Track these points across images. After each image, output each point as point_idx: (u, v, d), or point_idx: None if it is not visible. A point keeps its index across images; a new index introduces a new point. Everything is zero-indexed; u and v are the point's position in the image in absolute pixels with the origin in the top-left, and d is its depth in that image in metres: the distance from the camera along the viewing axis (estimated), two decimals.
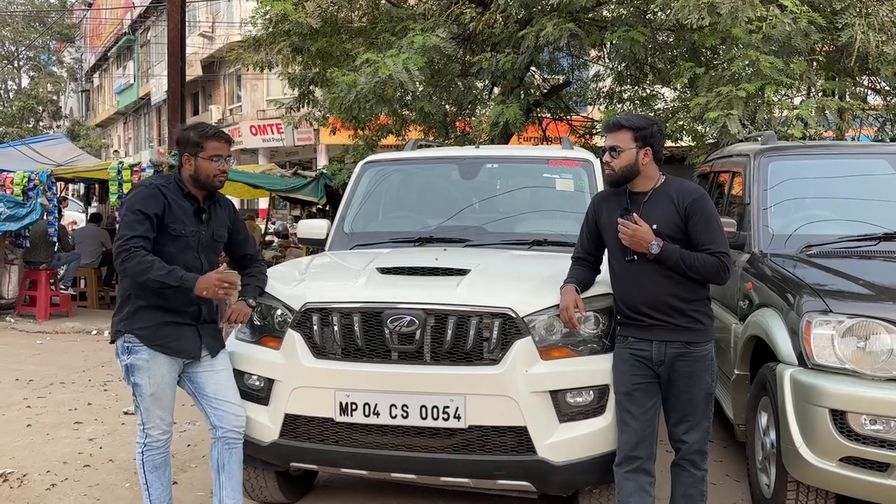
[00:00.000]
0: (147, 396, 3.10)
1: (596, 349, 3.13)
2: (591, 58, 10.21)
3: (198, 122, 3.26)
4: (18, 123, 34.84)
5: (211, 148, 3.11)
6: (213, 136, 3.14)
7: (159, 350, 3.07)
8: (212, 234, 3.22)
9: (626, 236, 2.94)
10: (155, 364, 3.08)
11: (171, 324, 3.09)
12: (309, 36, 8.85)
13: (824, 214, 4.24)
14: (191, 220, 3.13)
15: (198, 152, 3.11)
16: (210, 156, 3.11)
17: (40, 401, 5.81)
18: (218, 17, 26.03)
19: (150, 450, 3.15)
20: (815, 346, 3.10)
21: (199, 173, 3.12)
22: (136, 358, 3.07)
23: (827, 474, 3.03)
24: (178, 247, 3.08)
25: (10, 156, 10.98)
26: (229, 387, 3.24)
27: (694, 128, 7.57)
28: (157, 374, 3.08)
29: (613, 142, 3.01)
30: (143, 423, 3.15)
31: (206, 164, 3.11)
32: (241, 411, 3.22)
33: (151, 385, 3.09)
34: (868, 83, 8.25)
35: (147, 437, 3.15)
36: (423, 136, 9.36)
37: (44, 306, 9.75)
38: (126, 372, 3.13)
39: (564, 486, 3.14)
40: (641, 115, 3.40)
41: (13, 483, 4.10)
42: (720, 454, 4.50)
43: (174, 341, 3.10)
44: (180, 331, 3.11)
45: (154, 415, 3.13)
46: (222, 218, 3.29)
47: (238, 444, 3.23)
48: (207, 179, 3.14)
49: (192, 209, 3.14)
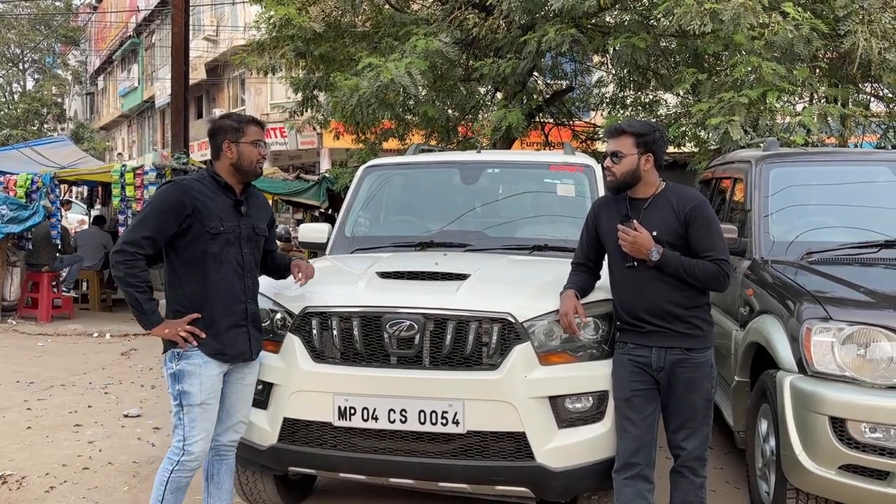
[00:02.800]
0: (196, 406, 2.90)
1: (595, 355, 3.12)
2: (594, 63, 10.22)
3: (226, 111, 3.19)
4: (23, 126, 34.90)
5: (252, 133, 3.03)
6: (252, 121, 3.08)
7: (218, 359, 2.94)
8: (253, 227, 3.09)
9: (627, 243, 2.94)
10: (207, 369, 2.92)
11: (229, 328, 2.96)
12: (312, 40, 8.87)
13: (826, 221, 4.24)
14: (229, 215, 3.00)
15: (239, 138, 3.01)
16: (251, 140, 3.02)
17: (40, 403, 5.82)
18: (222, 20, 26.09)
19: (182, 469, 2.92)
20: (815, 353, 3.10)
21: (243, 160, 3.01)
22: (187, 363, 2.90)
23: (826, 482, 3.02)
24: (220, 244, 2.95)
25: (14, 158, 11.02)
26: (247, 402, 3.15)
27: (696, 134, 7.57)
28: (208, 381, 2.93)
29: (615, 147, 3.01)
30: (184, 437, 2.90)
31: (249, 148, 3.02)
32: (242, 428, 3.15)
33: (203, 392, 2.91)
34: (871, 90, 8.24)
35: (184, 455, 2.91)
36: (426, 141, 9.36)
37: (46, 308, 9.76)
38: (173, 380, 2.93)
39: (563, 492, 3.13)
40: (644, 121, 3.39)
41: (12, 485, 4.11)
42: (720, 461, 4.48)
43: (232, 346, 2.98)
44: (236, 333, 2.99)
45: (199, 428, 2.91)
46: (261, 210, 3.18)
47: (230, 455, 3.17)
48: (251, 166, 3.03)
49: (230, 203, 3.02)
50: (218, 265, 2.95)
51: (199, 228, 2.92)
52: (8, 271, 9.96)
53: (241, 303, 3.02)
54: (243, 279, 3.03)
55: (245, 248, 3.04)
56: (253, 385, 3.17)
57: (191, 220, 2.91)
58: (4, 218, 9.12)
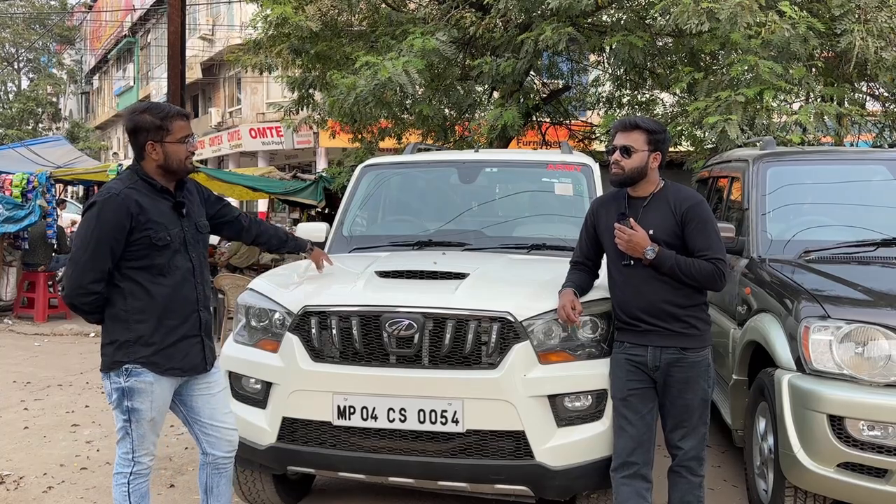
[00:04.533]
0: (146, 422, 2.77)
1: (594, 353, 3.12)
2: (591, 62, 10.23)
3: (147, 102, 2.98)
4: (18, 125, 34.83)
5: (178, 129, 2.75)
6: (177, 115, 2.77)
7: (169, 374, 2.77)
8: (195, 227, 2.88)
9: (623, 241, 2.94)
10: (159, 386, 2.76)
11: (180, 340, 2.78)
12: (309, 39, 8.86)
13: (823, 220, 4.25)
14: (171, 220, 2.77)
15: (164, 137, 2.72)
16: (178, 138, 2.74)
17: (37, 403, 5.81)
18: (218, 19, 26.04)
19: (137, 478, 2.80)
20: (813, 351, 3.10)
21: (170, 160, 2.74)
22: (137, 380, 2.72)
23: (825, 480, 3.02)
24: (167, 255, 2.74)
25: (10, 157, 10.98)
26: (225, 409, 3.00)
27: (693, 133, 7.58)
28: (159, 398, 2.77)
29: (626, 141, 2.99)
30: (132, 450, 2.78)
31: (176, 147, 2.74)
32: (234, 435, 3.01)
33: (153, 409, 2.76)
34: (867, 89, 8.26)
35: (136, 466, 2.79)
36: (422, 140, 9.37)
37: (42, 308, 9.74)
38: (121, 396, 2.74)
39: (562, 490, 3.13)
40: (655, 120, 3.38)
41: (10, 485, 4.10)
42: (718, 459, 4.49)
43: (182, 359, 2.79)
44: (188, 345, 2.81)
45: (148, 441, 2.80)
46: (197, 204, 2.94)
47: (228, 468, 3.03)
48: (181, 165, 2.77)
49: (169, 206, 2.78)
50: (166, 276, 2.74)
51: (144, 242, 2.69)
52: (4, 271, 9.94)
53: (194, 312, 2.82)
54: (195, 287, 2.83)
55: (192, 253, 2.83)
56: (225, 389, 3.06)
57: (135, 234, 2.67)
58: (0, 217, 9.09)
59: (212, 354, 2.95)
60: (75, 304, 2.71)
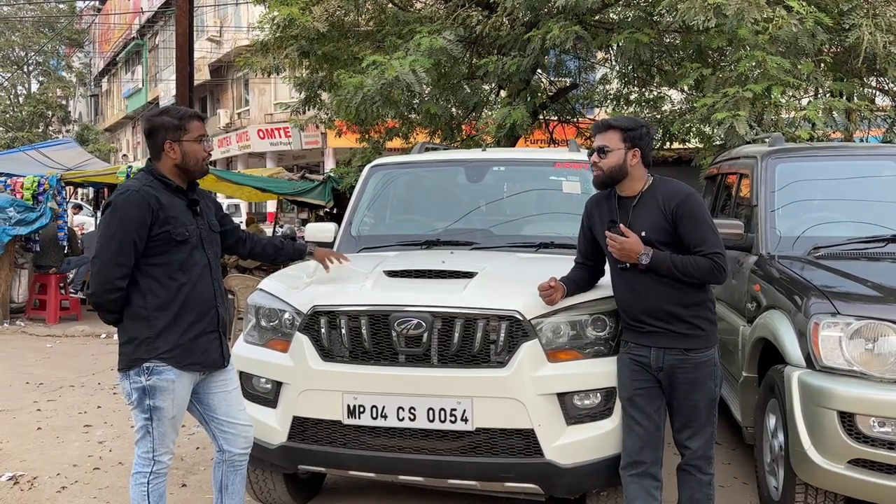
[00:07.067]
0: (167, 420, 2.79)
1: (602, 352, 3.12)
2: (598, 60, 10.21)
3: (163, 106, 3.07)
4: (28, 128, 35.07)
5: (194, 128, 2.84)
6: (193, 115, 2.87)
7: (189, 369, 2.81)
8: (209, 226, 2.95)
9: (615, 249, 2.92)
10: (180, 384, 2.79)
11: (200, 335, 2.82)
12: (316, 40, 8.89)
13: (832, 216, 4.23)
14: (188, 217, 2.83)
15: (181, 136, 2.81)
16: (195, 137, 2.83)
17: (50, 404, 5.85)
18: (226, 21, 26.14)
19: (157, 478, 2.83)
20: (823, 348, 3.09)
21: (188, 159, 2.82)
22: (158, 378, 2.75)
23: (835, 476, 3.02)
24: (186, 251, 2.80)
25: (20, 160, 11.08)
26: (241, 406, 3.05)
27: (701, 129, 7.56)
28: (180, 396, 2.81)
29: (602, 142, 2.98)
30: (153, 449, 2.81)
31: (194, 146, 2.83)
32: (249, 431, 3.05)
33: (175, 407, 2.80)
34: (876, 84, 8.21)
35: (156, 465, 2.82)
36: (429, 139, 9.38)
37: (54, 310, 9.81)
38: (142, 395, 2.77)
39: (572, 488, 3.14)
40: (630, 118, 3.35)
41: (24, 486, 4.13)
42: (728, 457, 4.48)
43: (202, 354, 2.84)
44: (207, 341, 2.85)
45: (168, 440, 2.83)
46: (209, 205, 3.02)
47: (243, 465, 3.07)
48: (197, 164, 2.85)
49: (184, 205, 2.85)
50: (185, 272, 2.80)
51: (164, 237, 2.75)
52: (16, 273, 10.01)
53: (212, 308, 2.87)
54: (212, 283, 2.89)
55: (209, 251, 2.90)
56: (239, 387, 3.10)
57: (155, 229, 2.73)
58: (12, 220, 9.17)
59: (227, 351, 3.01)
60: (101, 301, 2.74)
